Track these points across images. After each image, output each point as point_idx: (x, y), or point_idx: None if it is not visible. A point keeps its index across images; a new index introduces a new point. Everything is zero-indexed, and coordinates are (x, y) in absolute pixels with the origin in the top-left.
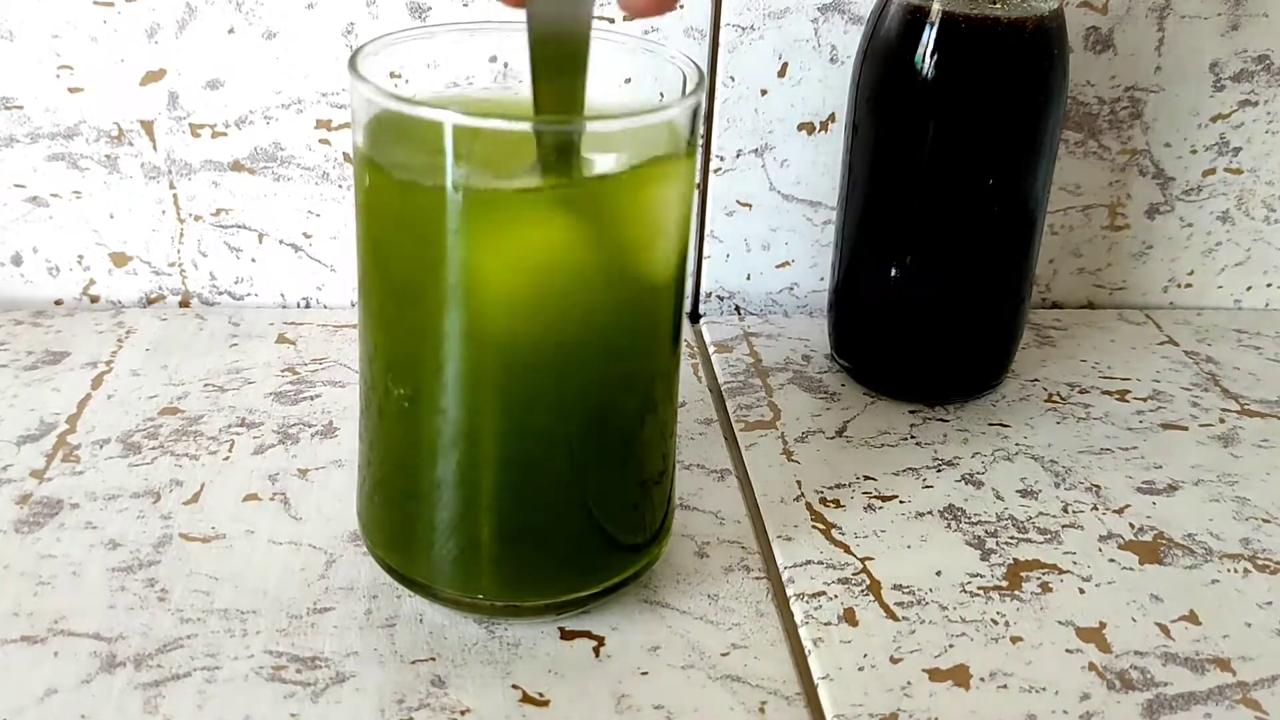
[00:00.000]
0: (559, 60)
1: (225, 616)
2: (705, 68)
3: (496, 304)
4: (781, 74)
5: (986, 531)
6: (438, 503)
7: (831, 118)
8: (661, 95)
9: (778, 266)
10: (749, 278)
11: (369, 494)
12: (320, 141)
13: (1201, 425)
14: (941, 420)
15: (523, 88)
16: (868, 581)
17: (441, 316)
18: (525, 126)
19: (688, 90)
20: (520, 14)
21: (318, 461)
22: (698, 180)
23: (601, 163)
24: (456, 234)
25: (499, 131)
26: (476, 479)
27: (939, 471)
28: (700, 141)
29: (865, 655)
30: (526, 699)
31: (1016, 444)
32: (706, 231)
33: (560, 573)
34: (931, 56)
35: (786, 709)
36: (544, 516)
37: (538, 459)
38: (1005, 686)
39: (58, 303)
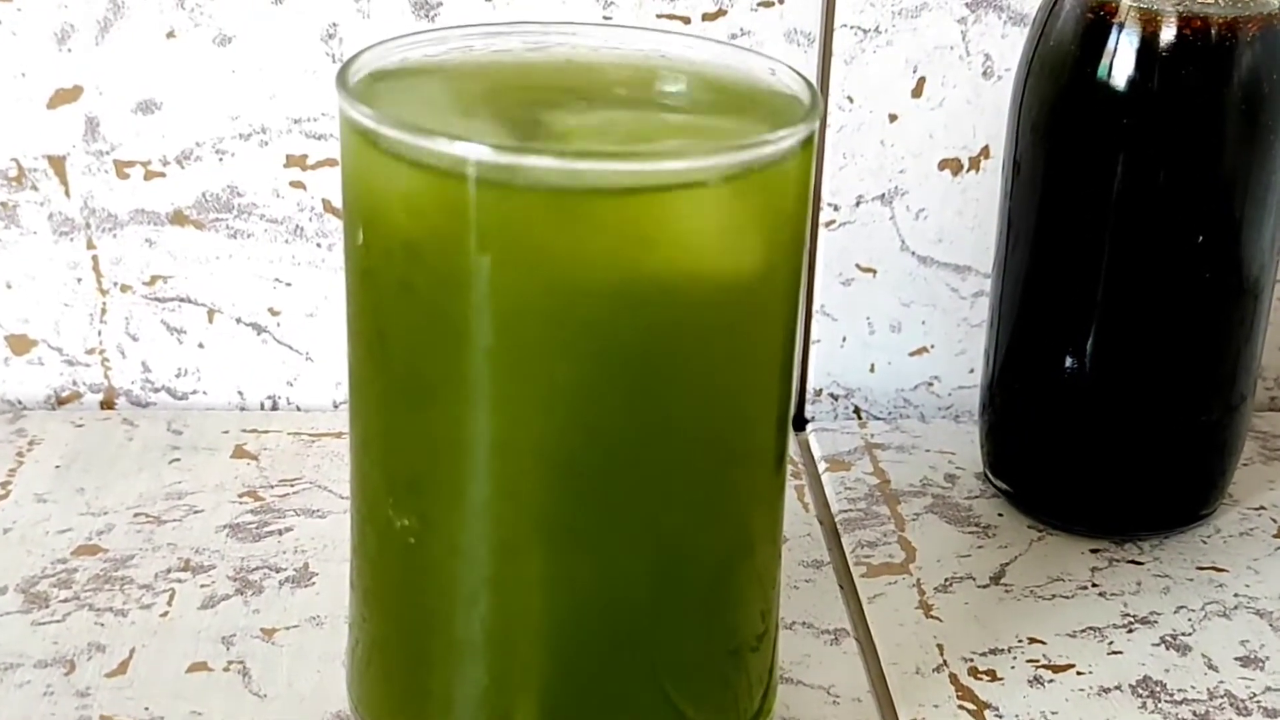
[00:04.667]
0: None
1: None
2: (816, 84)
3: (541, 403)
4: (917, 93)
5: (1195, 714)
6: (456, 674)
7: (985, 152)
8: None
9: (911, 354)
10: (872, 369)
11: (363, 661)
12: (292, 185)
13: None
14: (1134, 563)
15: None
16: None
17: (464, 420)
18: (583, 165)
19: (795, 117)
20: (560, 12)
21: (288, 618)
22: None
23: None
24: (488, 308)
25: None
26: (509, 642)
27: (1130, 632)
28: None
29: None
30: None
31: (1235, 594)
32: (815, 306)
33: None
34: (1120, 70)
35: None
36: (601, 695)
37: (592, 617)
38: None
39: None
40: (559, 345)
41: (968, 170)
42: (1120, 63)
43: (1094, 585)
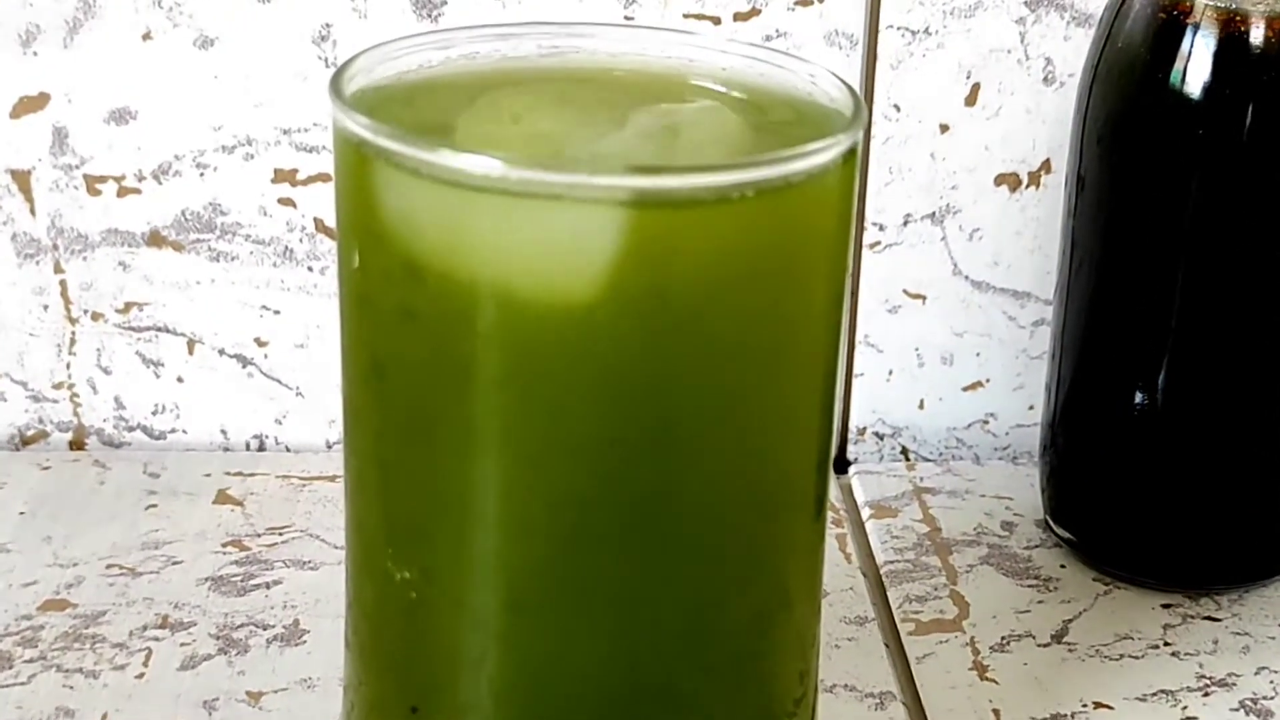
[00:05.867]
0: None
1: None
2: (860, 91)
3: (556, 443)
4: (971, 100)
5: None
6: None
7: (1046, 166)
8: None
9: (965, 389)
10: (922, 405)
11: None
12: (281, 202)
13: None
14: (1211, 619)
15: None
16: None
17: (471, 462)
18: (603, 179)
19: (836, 128)
20: (577, 12)
21: (277, 680)
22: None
23: None
24: (498, 338)
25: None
26: (520, 707)
27: (1206, 695)
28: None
29: None
30: None
31: None
32: (859, 337)
33: None
34: (1195, 76)
35: None
36: None
37: (612, 680)
38: None
39: None
40: (576, 378)
41: (1027, 186)
42: (1195, 67)
43: (1166, 644)
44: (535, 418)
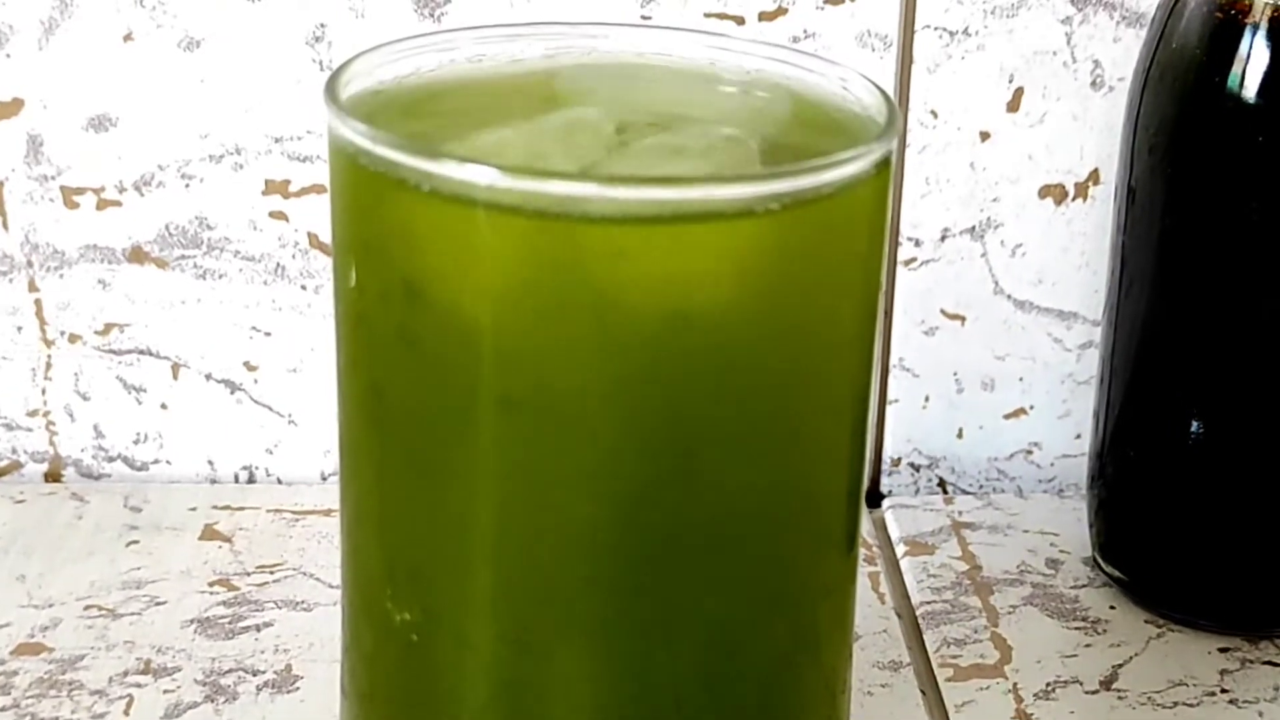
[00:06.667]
0: None
1: None
2: (894, 96)
3: (568, 474)
4: (1013, 106)
5: None
6: None
7: (1094, 177)
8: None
9: (1007, 416)
10: (960, 434)
11: None
12: (272, 215)
13: None
14: (1271, 664)
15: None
16: None
17: (476, 494)
18: (618, 191)
19: (868, 136)
20: (591, 11)
21: None
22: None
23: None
24: (504, 362)
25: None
26: None
27: None
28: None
29: None
30: None
31: None
32: (893, 360)
33: None
34: (1255, 79)
35: None
36: None
37: None
38: None
39: None
40: (588, 404)
41: (1073, 198)
42: (1254, 70)
43: (1224, 691)
44: (545, 447)
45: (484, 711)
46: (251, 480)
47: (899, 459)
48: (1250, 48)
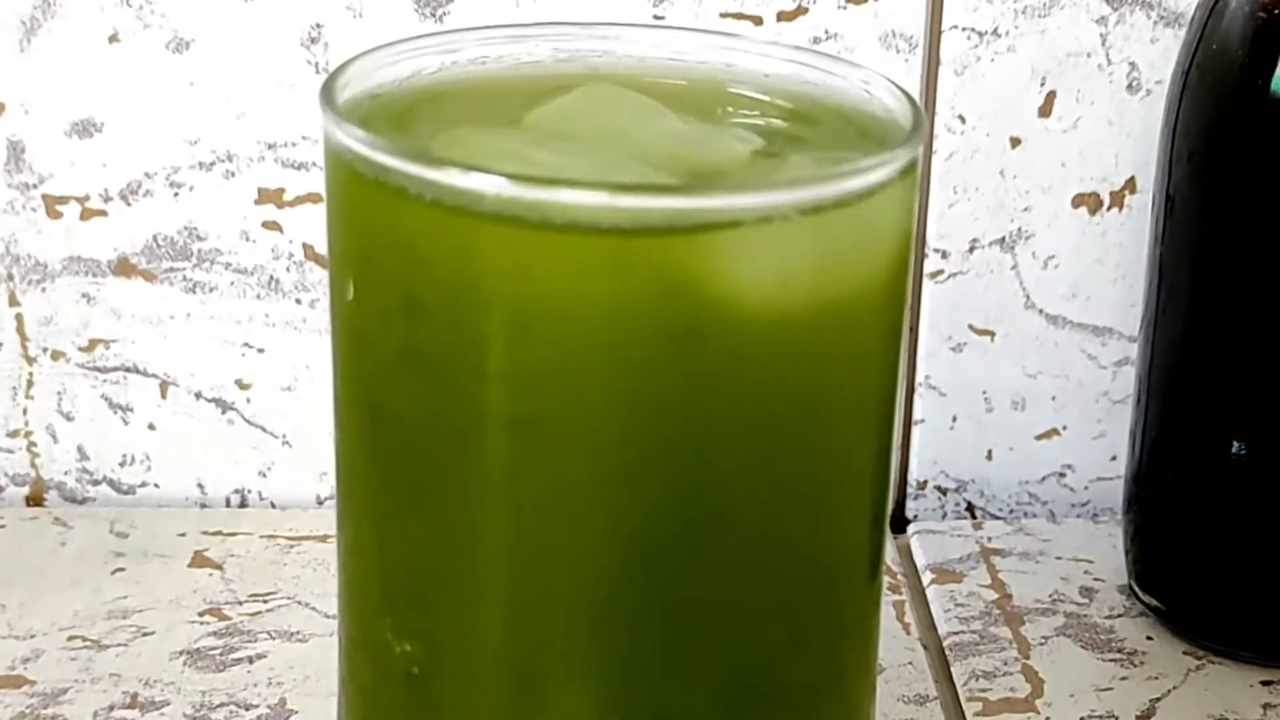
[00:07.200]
0: None
1: None
2: (920, 100)
3: (577, 500)
4: (1045, 111)
5: None
6: None
7: (1130, 185)
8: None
9: (1039, 437)
10: (990, 456)
11: None
12: (265, 226)
13: None
14: None
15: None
16: None
17: (480, 520)
18: (629, 200)
19: (892, 141)
20: (588, 13)
21: None
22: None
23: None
24: (510, 380)
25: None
26: None
27: None
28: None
29: None
30: None
31: None
32: (919, 378)
33: None
34: None
35: None
36: None
37: None
38: None
39: None
40: (599, 426)
41: (1108, 208)
42: None
43: None
44: (552, 471)
45: None
46: (244, 504)
47: (925, 482)
48: None
